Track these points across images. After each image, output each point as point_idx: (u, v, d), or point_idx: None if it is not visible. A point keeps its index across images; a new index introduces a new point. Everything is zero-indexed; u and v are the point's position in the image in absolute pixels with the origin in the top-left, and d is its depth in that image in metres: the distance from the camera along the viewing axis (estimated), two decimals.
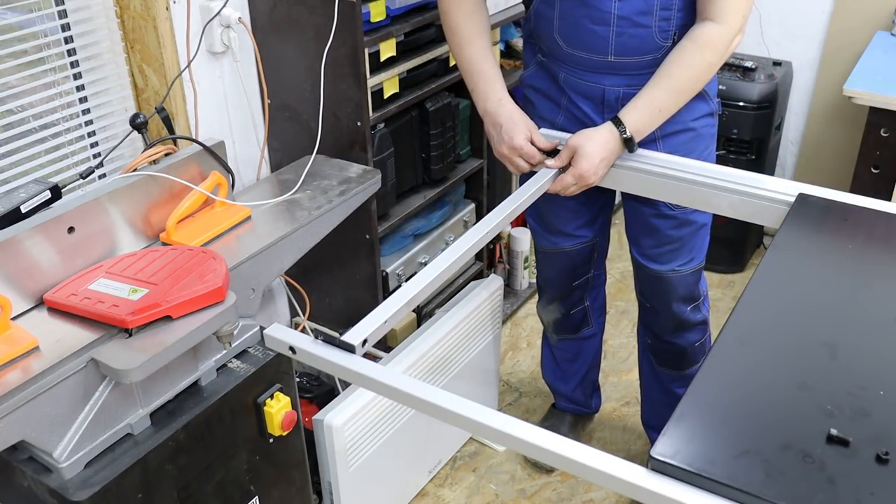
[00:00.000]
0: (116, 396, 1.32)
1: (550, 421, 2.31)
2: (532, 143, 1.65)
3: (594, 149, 1.56)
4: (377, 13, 1.90)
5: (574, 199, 1.82)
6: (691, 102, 1.65)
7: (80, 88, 1.78)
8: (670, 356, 1.99)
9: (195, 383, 1.46)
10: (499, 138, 1.67)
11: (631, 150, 1.59)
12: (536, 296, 2.85)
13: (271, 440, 1.57)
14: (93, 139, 1.83)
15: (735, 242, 2.96)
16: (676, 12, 1.56)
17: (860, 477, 0.90)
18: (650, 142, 1.67)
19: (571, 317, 2.09)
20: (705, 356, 1.14)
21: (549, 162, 1.62)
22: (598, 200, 1.88)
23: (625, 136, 1.57)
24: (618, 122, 1.57)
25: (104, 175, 1.83)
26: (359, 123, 1.95)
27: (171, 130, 1.70)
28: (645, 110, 1.57)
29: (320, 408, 1.81)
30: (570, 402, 2.28)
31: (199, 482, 1.45)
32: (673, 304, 1.88)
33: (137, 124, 1.61)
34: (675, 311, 1.89)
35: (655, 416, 2.14)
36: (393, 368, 1.83)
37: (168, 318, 1.32)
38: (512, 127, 1.65)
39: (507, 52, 2.60)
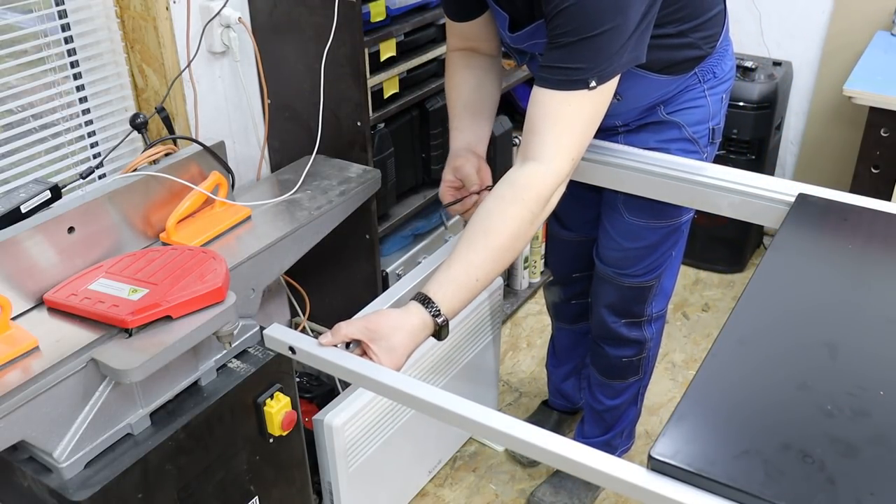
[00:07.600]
0: (116, 396, 1.32)
1: (537, 417, 2.32)
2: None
3: (401, 340, 1.19)
4: (377, 13, 1.90)
5: (576, 198, 1.80)
6: (659, 126, 1.60)
7: (80, 88, 1.78)
8: (596, 358, 1.96)
9: (195, 383, 1.46)
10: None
11: (439, 339, 1.24)
12: (536, 296, 2.87)
13: (271, 440, 1.57)
14: (93, 139, 1.84)
15: (735, 242, 2.96)
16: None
17: (860, 477, 0.90)
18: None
19: (571, 306, 2.08)
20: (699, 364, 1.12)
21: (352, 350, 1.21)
22: (600, 202, 1.83)
23: (438, 320, 1.21)
24: (427, 302, 1.21)
25: (104, 175, 1.83)
26: (359, 123, 1.95)
27: (171, 130, 1.71)
28: (460, 284, 1.22)
29: (320, 408, 1.80)
30: (560, 394, 2.28)
31: (199, 482, 1.45)
32: (601, 308, 1.83)
33: (137, 124, 1.61)
34: (602, 316, 1.84)
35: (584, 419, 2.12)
36: None
37: (168, 318, 1.32)
38: (455, 154, 1.55)
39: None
